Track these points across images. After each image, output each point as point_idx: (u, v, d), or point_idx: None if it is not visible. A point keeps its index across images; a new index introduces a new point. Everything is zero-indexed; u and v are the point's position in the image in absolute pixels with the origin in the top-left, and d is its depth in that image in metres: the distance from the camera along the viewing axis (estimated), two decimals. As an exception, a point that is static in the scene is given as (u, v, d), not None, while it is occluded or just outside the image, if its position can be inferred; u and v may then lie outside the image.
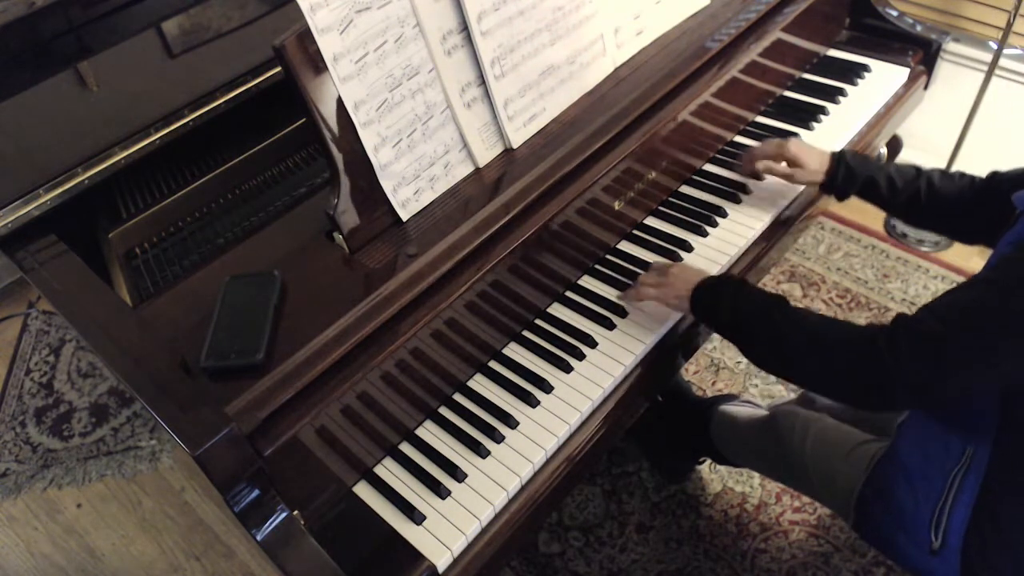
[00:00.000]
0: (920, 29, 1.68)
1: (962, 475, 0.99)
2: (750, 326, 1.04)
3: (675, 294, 1.13)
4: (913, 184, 1.23)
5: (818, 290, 2.08)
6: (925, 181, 1.22)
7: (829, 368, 0.96)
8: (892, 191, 1.24)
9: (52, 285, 1.09)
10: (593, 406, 1.11)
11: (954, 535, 1.00)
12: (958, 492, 0.99)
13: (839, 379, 0.96)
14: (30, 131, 1.31)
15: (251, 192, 1.34)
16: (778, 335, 1.00)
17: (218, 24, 1.48)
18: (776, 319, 1.00)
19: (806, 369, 1.00)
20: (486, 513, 1.00)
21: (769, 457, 1.36)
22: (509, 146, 1.19)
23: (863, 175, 1.26)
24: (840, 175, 1.28)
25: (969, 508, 0.99)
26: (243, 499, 0.88)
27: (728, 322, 1.07)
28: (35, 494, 1.89)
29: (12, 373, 2.18)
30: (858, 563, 1.55)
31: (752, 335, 1.05)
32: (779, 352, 1.02)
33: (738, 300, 1.05)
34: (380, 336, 0.98)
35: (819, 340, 0.96)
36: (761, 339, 1.04)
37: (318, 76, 0.97)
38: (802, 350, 0.98)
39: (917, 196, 1.22)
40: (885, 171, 1.25)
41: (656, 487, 1.72)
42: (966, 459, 0.99)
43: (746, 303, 1.04)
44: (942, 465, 1.01)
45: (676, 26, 1.41)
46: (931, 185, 1.21)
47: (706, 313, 1.10)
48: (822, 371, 0.97)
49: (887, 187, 1.24)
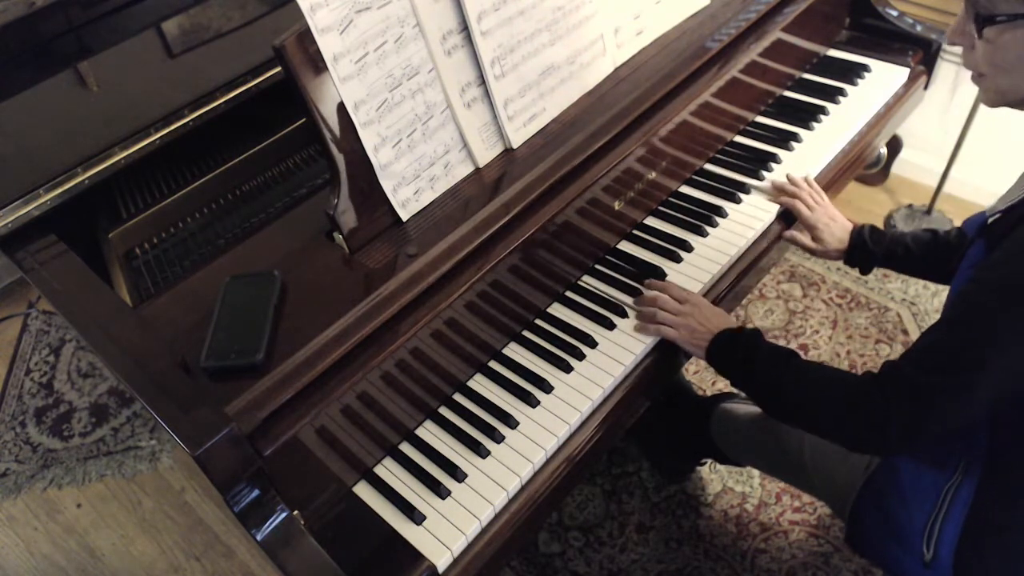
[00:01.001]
0: (920, 29, 1.68)
1: (955, 489, 1.00)
2: (761, 381, 1.07)
3: (693, 341, 1.14)
4: (932, 247, 1.26)
5: (818, 290, 2.08)
6: (943, 241, 1.25)
7: (830, 420, 0.99)
8: (910, 259, 1.29)
9: (52, 285, 1.09)
10: (593, 406, 1.11)
11: (946, 548, 1.01)
12: (950, 506, 1.00)
13: (840, 428, 0.99)
14: (30, 131, 1.31)
15: (251, 193, 1.34)
16: (785, 390, 1.04)
17: (218, 24, 1.48)
18: (784, 376, 1.04)
19: (810, 420, 1.04)
20: (486, 513, 1.00)
21: (769, 455, 1.36)
22: (509, 146, 1.19)
23: (880, 252, 1.30)
24: (857, 255, 1.33)
25: (961, 522, 1.00)
26: (243, 499, 0.88)
27: (740, 377, 1.11)
28: (35, 494, 1.89)
29: (12, 373, 2.18)
30: (858, 563, 1.55)
31: (763, 389, 1.08)
32: (787, 405, 1.05)
33: (751, 356, 1.07)
34: (380, 336, 0.98)
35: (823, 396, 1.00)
36: (770, 393, 1.07)
37: (318, 76, 0.97)
38: (806, 402, 1.02)
39: (939, 258, 1.25)
40: (903, 242, 1.29)
41: (656, 487, 1.72)
42: (959, 474, 1.00)
43: (759, 359, 1.07)
44: (935, 479, 1.02)
45: (676, 26, 1.41)
46: (949, 245, 1.24)
47: (720, 367, 1.12)
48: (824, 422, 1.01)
49: (905, 256, 1.29)
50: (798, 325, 2.00)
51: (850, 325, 1.98)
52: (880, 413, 0.92)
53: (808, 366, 1.04)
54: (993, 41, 0.88)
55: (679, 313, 1.16)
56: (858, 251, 1.32)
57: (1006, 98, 0.94)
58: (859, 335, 1.96)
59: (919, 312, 2.00)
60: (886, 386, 0.92)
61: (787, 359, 1.05)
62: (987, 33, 0.88)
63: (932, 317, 1.98)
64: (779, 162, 1.47)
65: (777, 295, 2.08)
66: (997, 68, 0.91)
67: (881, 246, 1.30)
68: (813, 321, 2.00)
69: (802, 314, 2.03)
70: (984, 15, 0.87)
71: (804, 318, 2.01)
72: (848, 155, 1.51)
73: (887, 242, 1.30)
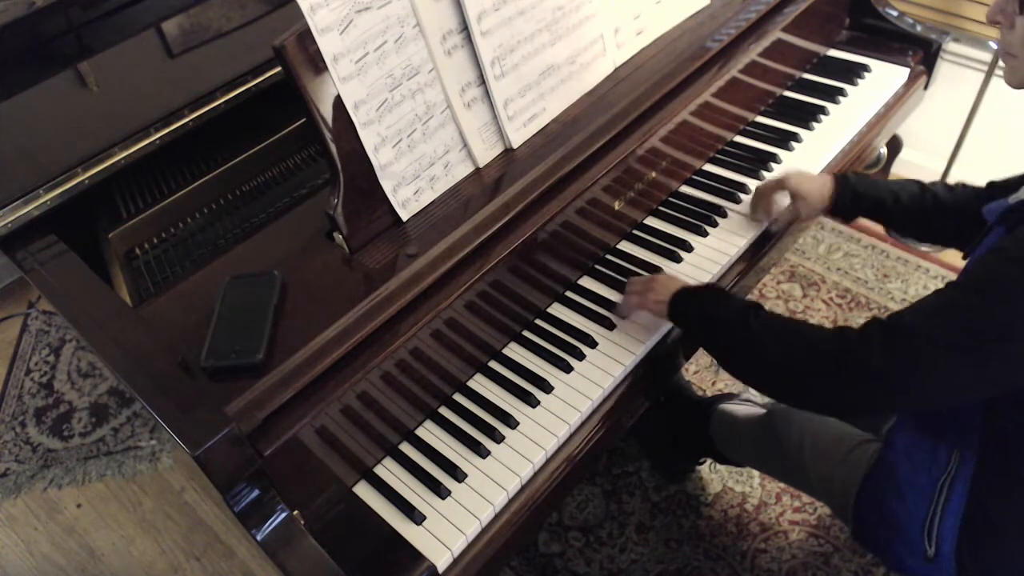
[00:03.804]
0: (920, 29, 1.68)
1: (950, 482, 1.00)
2: (724, 333, 1.03)
3: (655, 298, 1.13)
4: (918, 199, 1.22)
5: (818, 290, 2.08)
6: (931, 195, 1.22)
7: (802, 372, 0.95)
8: (898, 208, 1.24)
9: (52, 285, 1.09)
10: (593, 406, 1.11)
11: (946, 542, 1.00)
12: (947, 499, 1.00)
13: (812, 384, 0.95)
14: (30, 131, 1.31)
15: (251, 193, 1.34)
16: (750, 341, 0.99)
17: (218, 24, 1.48)
18: (749, 326, 0.99)
19: (779, 378, 0.99)
20: (486, 513, 1.00)
21: (768, 456, 1.36)
22: (509, 146, 1.19)
23: (868, 195, 1.25)
24: (846, 198, 1.27)
25: (959, 514, 0.99)
26: (243, 499, 0.88)
27: (702, 328, 1.07)
28: (35, 494, 1.89)
29: (12, 373, 2.18)
30: (858, 563, 1.55)
31: (726, 342, 1.04)
32: (755, 361, 1.00)
33: (712, 306, 1.05)
34: (380, 336, 0.98)
35: (791, 346, 0.95)
36: (734, 346, 1.03)
37: (318, 76, 0.97)
38: (774, 357, 0.97)
39: (924, 211, 1.22)
40: (889, 188, 1.24)
41: (656, 487, 1.72)
42: (953, 466, 1.00)
43: (721, 310, 1.04)
44: (929, 472, 1.02)
45: (676, 26, 1.41)
46: (936, 198, 1.21)
47: (682, 319, 1.10)
48: (794, 377, 0.96)
49: (893, 204, 1.24)
50: (798, 325, 2.00)
51: (850, 325, 1.98)
52: (862, 368, 0.88)
53: (777, 318, 0.99)
54: None
55: (645, 286, 1.16)
56: (843, 194, 1.27)
57: None
58: (859, 335, 1.96)
59: (919, 312, 1.99)
60: (873, 337, 0.88)
61: (750, 308, 1.01)
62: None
63: (932, 317, 1.98)
64: (779, 162, 1.47)
65: (777, 295, 2.08)
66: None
67: (865, 186, 1.25)
68: (813, 321, 2.00)
69: (802, 314, 2.03)
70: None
71: (804, 318, 2.01)
72: (848, 155, 1.51)
73: (873, 184, 1.25)
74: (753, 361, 1.01)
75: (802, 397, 1.00)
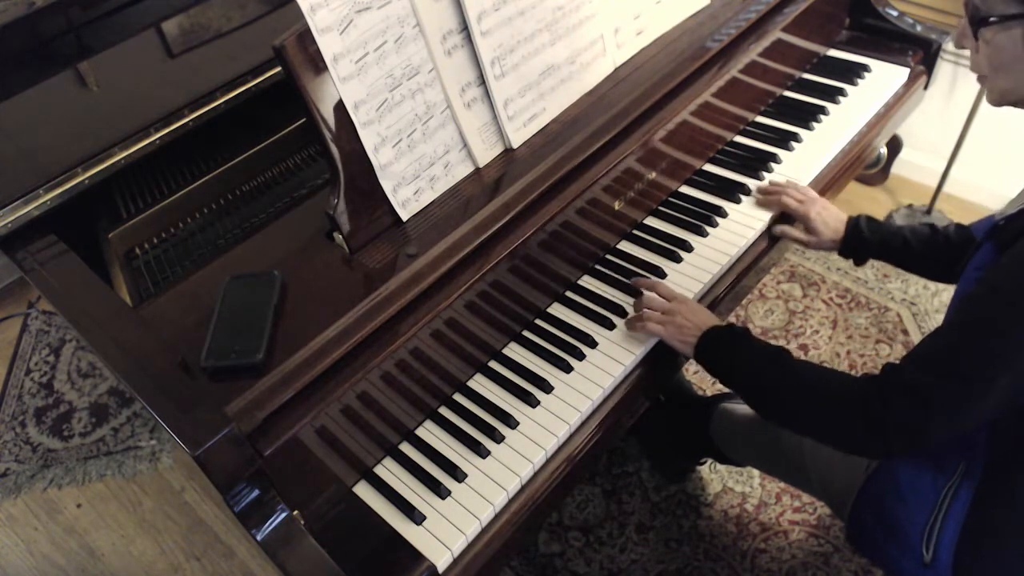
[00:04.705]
0: (920, 29, 1.68)
1: (954, 491, 1.00)
2: (750, 380, 1.06)
3: (680, 338, 1.13)
4: (931, 243, 1.24)
5: (818, 290, 2.08)
6: (943, 237, 1.23)
7: (826, 422, 0.98)
8: (908, 252, 1.26)
9: (52, 285, 1.09)
10: (593, 406, 1.11)
11: (945, 550, 1.00)
12: (949, 508, 1.00)
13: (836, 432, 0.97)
14: (30, 131, 1.31)
15: (251, 193, 1.34)
16: (775, 390, 1.02)
17: (218, 24, 1.48)
18: (774, 375, 1.02)
19: (804, 422, 1.01)
20: (486, 513, 1.00)
21: (769, 455, 1.36)
22: (509, 146, 1.19)
23: (876, 241, 1.28)
24: (854, 244, 1.30)
25: (960, 523, 0.99)
26: (243, 499, 0.88)
27: (729, 374, 1.09)
28: (35, 494, 1.89)
29: (12, 373, 2.18)
30: (858, 563, 1.55)
31: (752, 388, 1.07)
32: (778, 405, 1.04)
33: (741, 354, 1.06)
34: (380, 336, 0.98)
35: (815, 396, 0.98)
36: (760, 392, 1.06)
37: (318, 76, 0.97)
38: (798, 404, 1.00)
39: (937, 254, 1.23)
40: (900, 234, 1.26)
41: (656, 487, 1.72)
42: (958, 475, 1.00)
43: (748, 356, 1.05)
44: (934, 481, 1.02)
45: (676, 26, 1.41)
46: (949, 240, 1.22)
47: (708, 363, 1.11)
48: (819, 425, 0.99)
49: (903, 249, 1.26)
50: (798, 325, 2.00)
51: (850, 325, 1.98)
52: (880, 417, 0.90)
53: (799, 365, 1.02)
54: (989, 42, 0.89)
55: (666, 311, 1.15)
56: (853, 240, 1.30)
57: (1007, 98, 0.94)
58: (859, 335, 1.96)
59: (919, 312, 2.00)
60: (887, 389, 0.91)
61: (777, 357, 1.03)
62: (983, 34, 0.89)
63: (932, 317, 1.98)
64: (779, 162, 1.47)
65: (777, 295, 2.08)
66: (995, 69, 0.91)
67: (877, 235, 1.28)
68: (813, 321, 2.00)
69: (802, 314, 2.03)
70: (978, 16, 0.88)
71: (804, 318, 2.01)
72: (848, 155, 1.51)
73: (883, 232, 1.28)
74: (779, 408, 1.04)
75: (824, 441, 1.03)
